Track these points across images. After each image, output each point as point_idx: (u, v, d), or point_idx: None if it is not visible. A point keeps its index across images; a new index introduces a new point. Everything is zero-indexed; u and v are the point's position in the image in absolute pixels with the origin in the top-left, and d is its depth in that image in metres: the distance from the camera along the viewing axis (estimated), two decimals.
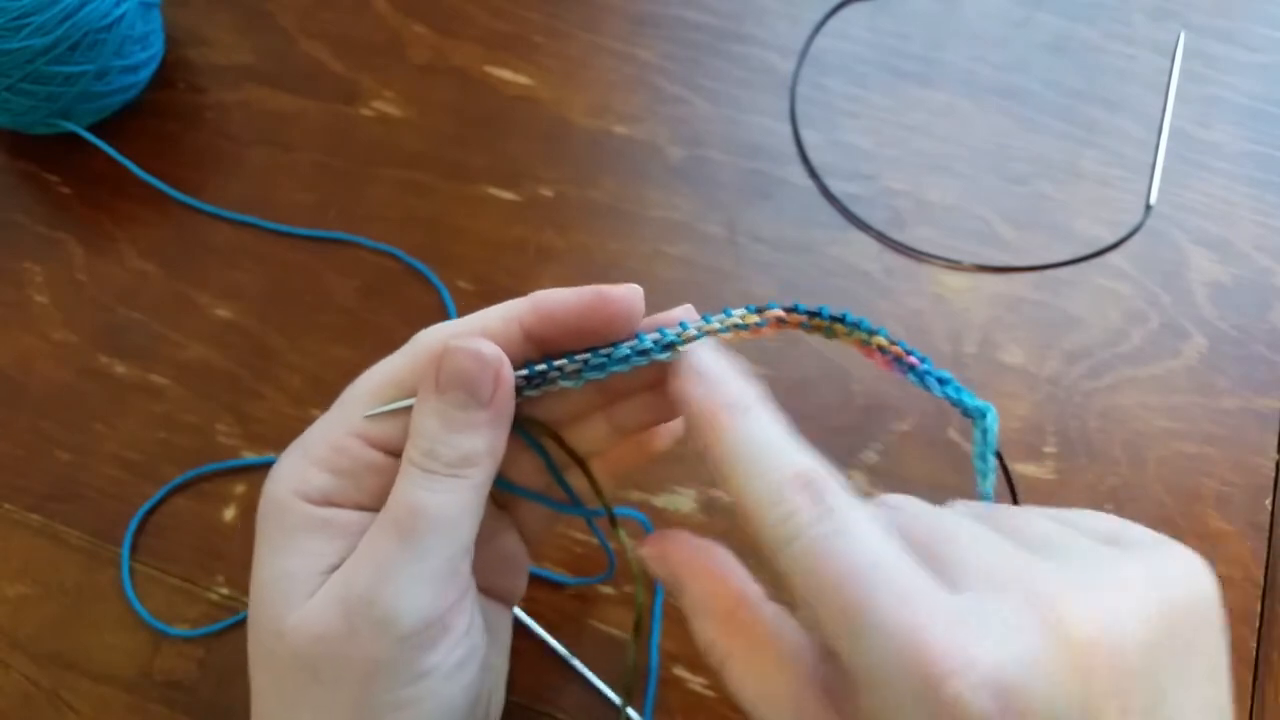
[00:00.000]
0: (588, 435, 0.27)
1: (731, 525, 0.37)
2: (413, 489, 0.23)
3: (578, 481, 0.28)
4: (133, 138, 0.45)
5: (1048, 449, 0.39)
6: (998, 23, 0.49)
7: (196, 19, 0.49)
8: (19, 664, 0.36)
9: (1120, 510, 0.37)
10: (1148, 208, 0.44)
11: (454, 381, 0.23)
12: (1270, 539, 0.37)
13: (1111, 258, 0.43)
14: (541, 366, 0.25)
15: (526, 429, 0.26)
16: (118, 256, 0.43)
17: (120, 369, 0.41)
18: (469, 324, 0.25)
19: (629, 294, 0.24)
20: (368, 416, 0.24)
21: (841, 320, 0.26)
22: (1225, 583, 0.36)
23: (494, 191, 0.45)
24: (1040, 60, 0.48)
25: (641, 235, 0.44)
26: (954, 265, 0.43)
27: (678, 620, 0.36)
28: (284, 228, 0.44)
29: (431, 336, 0.25)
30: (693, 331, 0.24)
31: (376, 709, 0.23)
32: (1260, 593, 0.36)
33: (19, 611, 0.37)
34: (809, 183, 0.45)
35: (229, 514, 0.38)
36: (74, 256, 0.44)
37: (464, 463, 0.23)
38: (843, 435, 0.39)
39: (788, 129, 0.46)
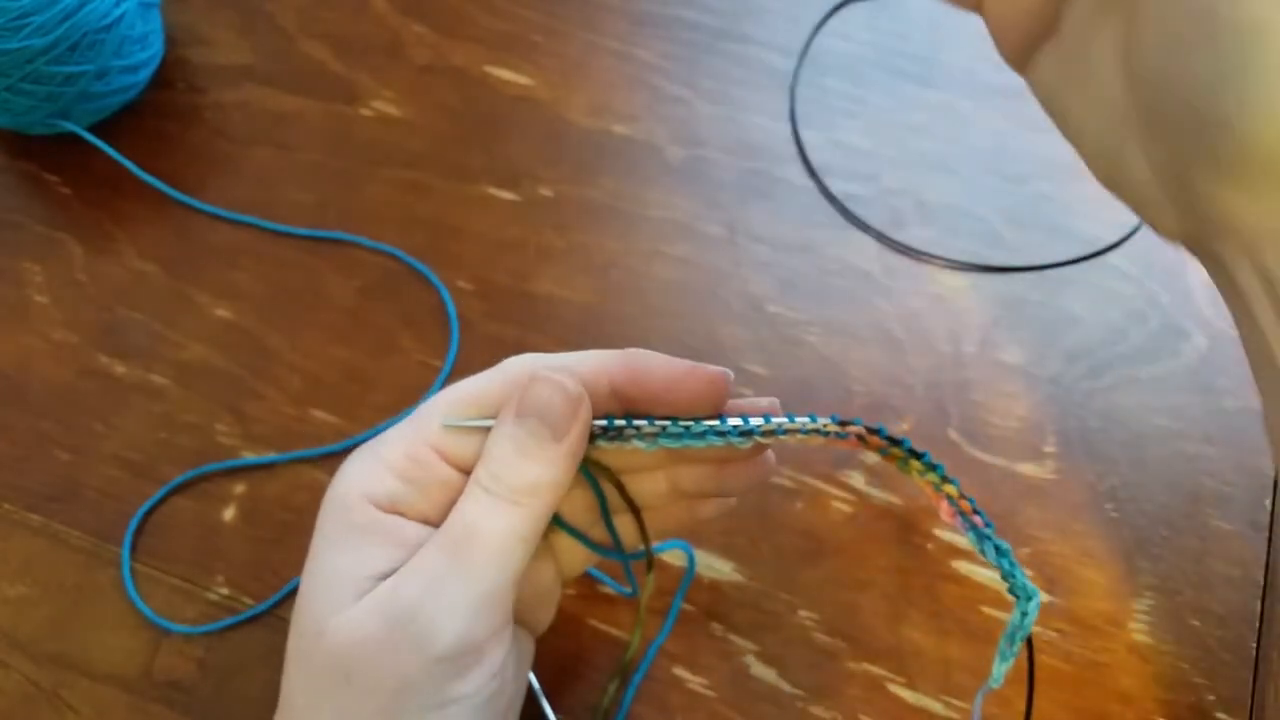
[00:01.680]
0: (647, 488, 0.28)
1: (732, 527, 0.37)
2: (473, 509, 0.24)
3: (622, 527, 0.29)
4: (132, 138, 0.45)
5: (1047, 448, 0.39)
6: None
7: (196, 19, 0.49)
8: (18, 664, 0.36)
9: (1121, 511, 0.37)
10: None
11: (535, 409, 0.24)
12: (1270, 539, 0.37)
13: (1112, 257, 0.43)
14: (621, 422, 0.25)
15: (590, 470, 0.27)
16: (117, 256, 0.43)
17: (120, 369, 0.41)
18: (562, 360, 0.25)
19: (721, 377, 0.25)
20: (446, 426, 0.25)
21: (919, 457, 0.26)
22: (1225, 582, 0.36)
23: (493, 191, 0.45)
24: None
25: (641, 235, 0.44)
26: (954, 265, 0.43)
27: (679, 619, 0.36)
28: (284, 228, 0.44)
29: (521, 363, 0.25)
30: (773, 427, 0.25)
31: None
32: (1260, 593, 0.36)
33: (19, 612, 0.37)
34: (808, 182, 0.45)
35: (229, 514, 0.38)
36: (74, 256, 0.44)
37: (528, 491, 0.24)
38: None
39: (787, 129, 0.46)
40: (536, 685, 0.34)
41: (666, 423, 0.25)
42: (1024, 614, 0.24)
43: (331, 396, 0.40)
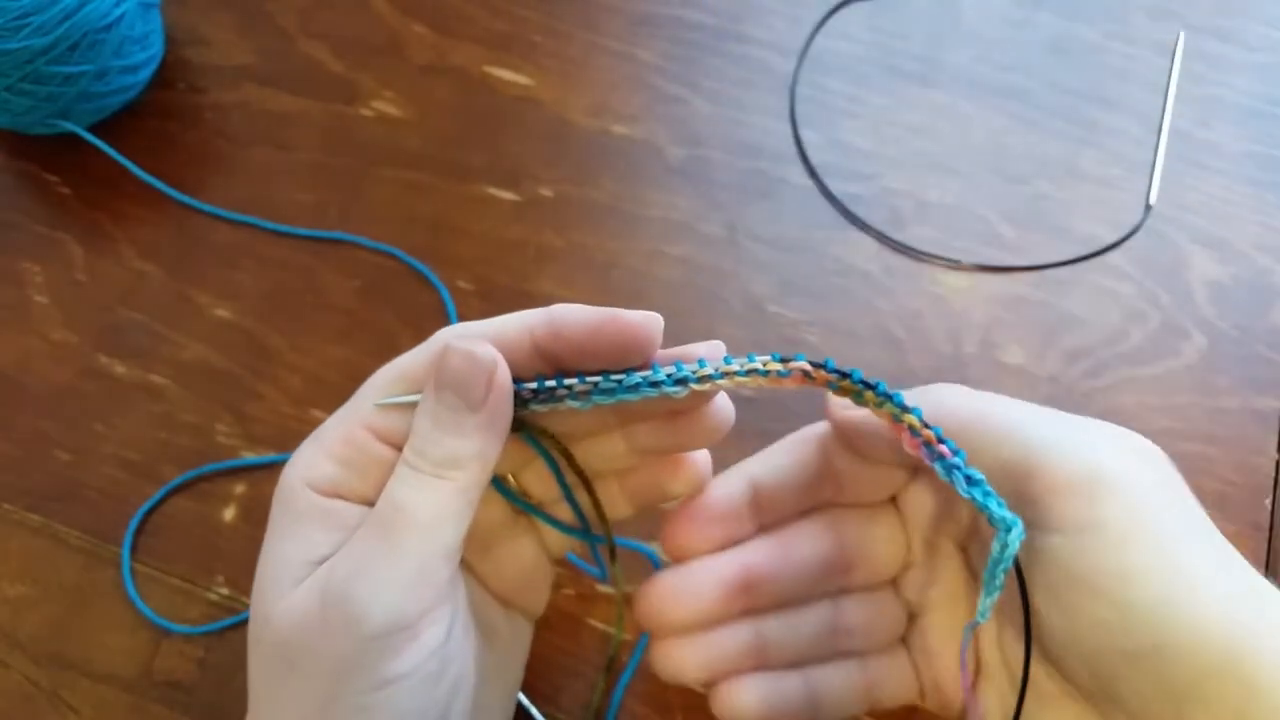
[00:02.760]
0: (605, 451, 0.27)
1: None
2: (399, 487, 0.23)
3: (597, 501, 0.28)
4: (132, 138, 0.45)
5: None
6: (997, 23, 0.49)
7: (196, 19, 0.49)
8: (19, 664, 0.36)
9: None
10: (1147, 207, 0.44)
11: (449, 381, 0.23)
12: (1270, 538, 0.37)
13: (1111, 257, 0.43)
14: (551, 383, 0.24)
15: (537, 438, 0.26)
16: (117, 257, 0.43)
17: (120, 369, 0.41)
18: (481, 327, 0.24)
19: (646, 321, 0.24)
20: (377, 405, 0.24)
21: (873, 388, 0.24)
22: None
23: (494, 191, 0.45)
24: (1040, 60, 0.48)
25: (641, 235, 0.44)
26: (954, 265, 0.43)
27: None
28: (284, 228, 0.44)
29: (444, 335, 0.25)
30: (709, 371, 0.24)
31: (341, 710, 0.23)
32: None
33: (19, 612, 0.37)
34: (809, 182, 0.45)
35: (229, 514, 0.38)
36: (74, 257, 0.44)
37: (449, 464, 0.23)
38: None
39: (787, 129, 0.46)
40: (525, 701, 0.34)
41: (597, 379, 0.24)
42: (1003, 545, 0.23)
43: (331, 396, 0.40)
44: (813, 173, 0.45)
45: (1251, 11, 0.49)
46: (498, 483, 0.27)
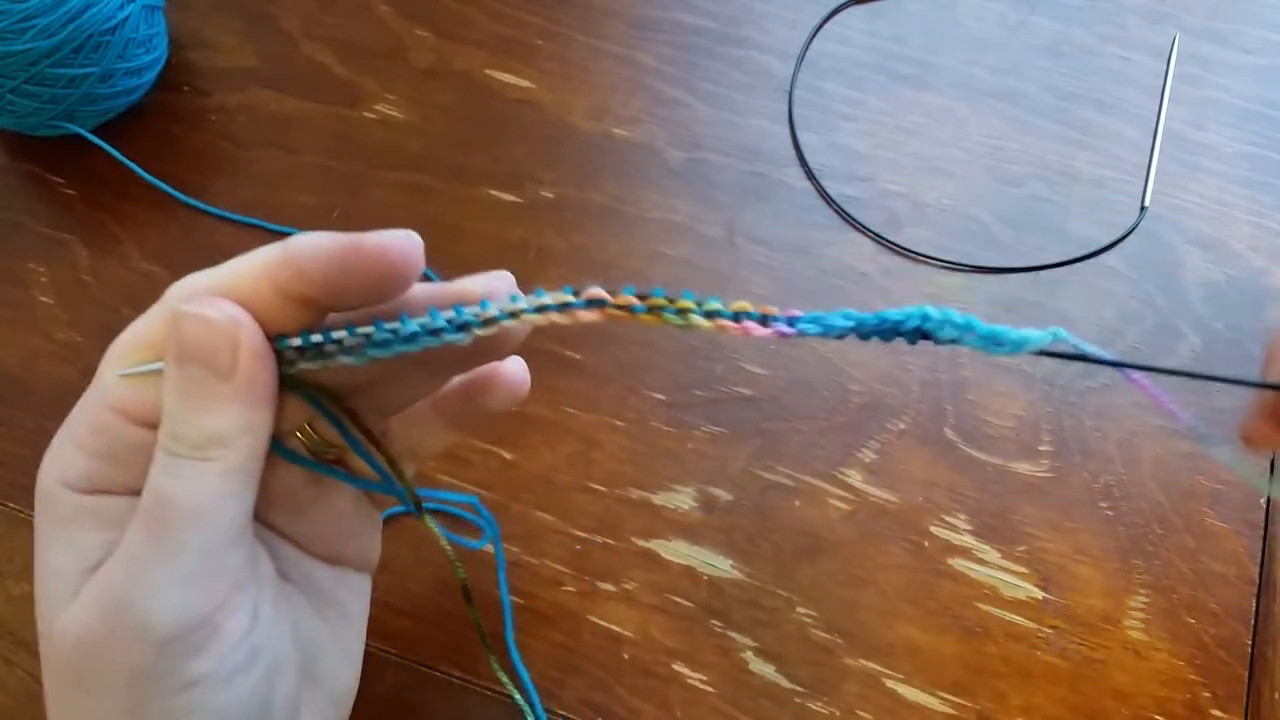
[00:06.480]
0: (405, 386, 0.24)
1: (731, 524, 0.38)
2: (160, 476, 0.20)
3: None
4: (137, 140, 0.46)
5: (1043, 447, 0.39)
6: (993, 26, 0.49)
7: (200, 22, 0.50)
8: (22, 661, 0.36)
9: (1116, 509, 0.38)
10: (1143, 209, 0.44)
11: (188, 352, 0.20)
12: (1265, 537, 0.38)
13: (1107, 258, 0.43)
14: (317, 338, 0.21)
15: (317, 396, 0.23)
16: (122, 258, 0.44)
17: None
18: (213, 280, 0.21)
19: (395, 243, 0.21)
20: (120, 377, 0.21)
21: (682, 299, 0.22)
22: (1220, 580, 0.36)
23: (495, 193, 0.45)
24: (1036, 63, 0.48)
25: (641, 237, 0.44)
26: (950, 266, 0.43)
27: (676, 615, 0.36)
28: (287, 229, 0.44)
29: (177, 292, 0.21)
30: (493, 312, 0.21)
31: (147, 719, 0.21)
32: (1255, 591, 0.36)
33: (23, 610, 0.37)
34: (806, 185, 0.45)
35: None
36: (78, 258, 0.44)
37: (211, 444, 0.20)
38: (840, 434, 0.39)
39: (785, 132, 0.46)
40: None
41: (370, 330, 0.21)
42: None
43: None
44: (810, 175, 0.45)
45: (1247, 14, 0.49)
46: (282, 447, 0.24)
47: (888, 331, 0.22)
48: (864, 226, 0.44)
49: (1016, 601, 0.36)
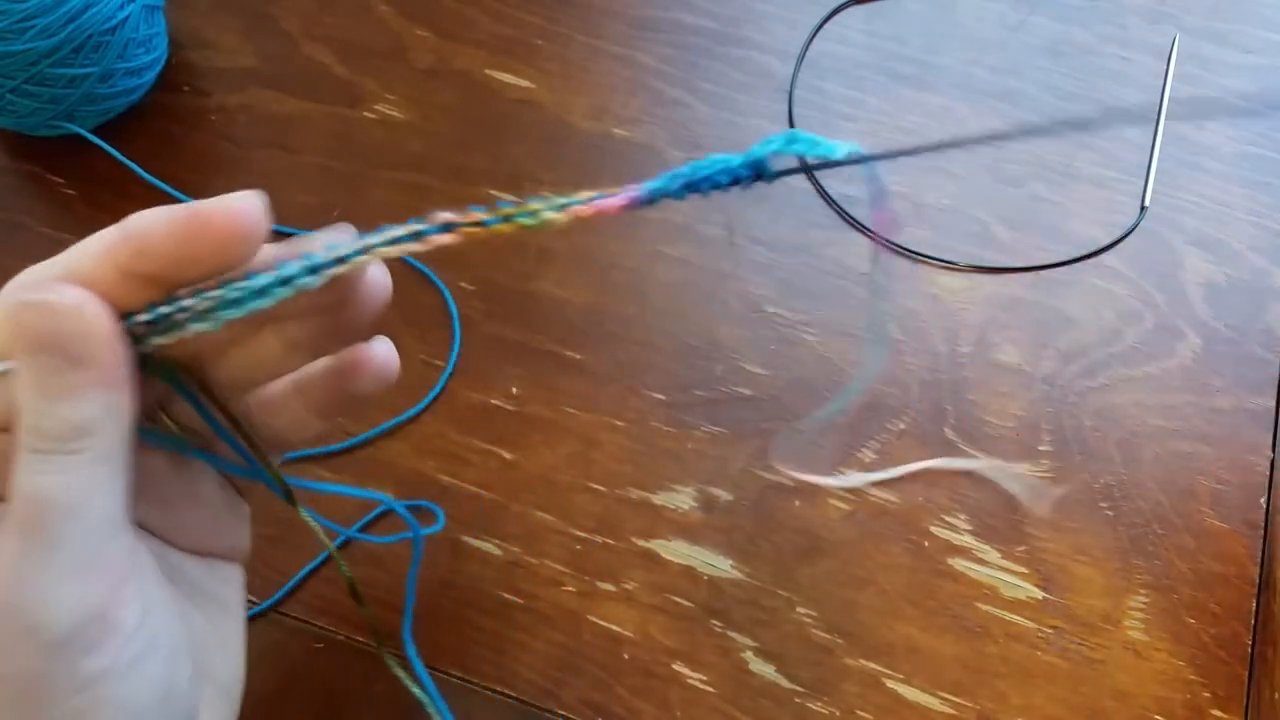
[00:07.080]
0: (258, 356, 0.24)
1: (731, 524, 0.38)
2: (25, 475, 0.20)
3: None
4: (136, 140, 0.46)
5: (1043, 447, 0.39)
6: (993, 26, 0.49)
7: (200, 22, 0.50)
8: None
9: (1116, 508, 0.38)
10: (1143, 209, 0.44)
11: (38, 343, 0.19)
12: (1265, 537, 0.38)
13: (1106, 258, 0.43)
14: (165, 309, 0.20)
15: (176, 375, 0.22)
16: None
17: None
18: (52, 268, 0.21)
19: (234, 208, 0.20)
20: None
21: (529, 202, 0.22)
22: (1220, 581, 0.36)
23: (495, 193, 0.45)
24: (1036, 63, 0.48)
25: (641, 236, 0.44)
26: (950, 266, 0.43)
27: (676, 615, 0.36)
28: (287, 229, 0.44)
29: (13, 288, 0.21)
30: (343, 250, 0.21)
31: None
32: (1255, 591, 0.36)
33: None
34: (806, 184, 0.45)
35: None
36: None
37: (77, 434, 0.20)
38: (840, 434, 0.39)
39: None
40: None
41: (219, 291, 0.20)
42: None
43: None
44: (810, 175, 0.45)
45: (1246, 14, 0.49)
46: (144, 430, 0.23)
47: (722, 175, 0.22)
48: (864, 226, 0.44)
49: (1016, 601, 0.36)
